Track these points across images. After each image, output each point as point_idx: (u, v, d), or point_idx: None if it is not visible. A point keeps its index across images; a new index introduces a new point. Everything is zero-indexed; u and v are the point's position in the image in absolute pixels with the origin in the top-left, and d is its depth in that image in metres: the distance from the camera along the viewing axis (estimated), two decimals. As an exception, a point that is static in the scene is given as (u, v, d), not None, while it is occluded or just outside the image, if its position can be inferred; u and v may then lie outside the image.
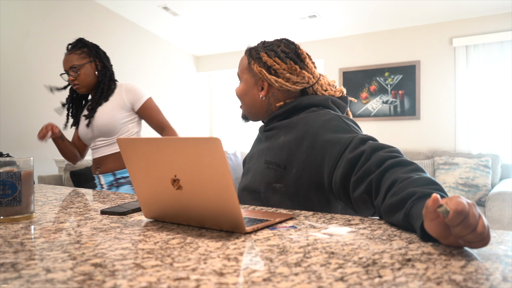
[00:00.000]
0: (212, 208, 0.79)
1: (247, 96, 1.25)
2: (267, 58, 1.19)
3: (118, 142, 0.87)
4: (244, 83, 1.25)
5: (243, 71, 1.26)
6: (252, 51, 1.24)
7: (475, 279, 0.50)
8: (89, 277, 0.53)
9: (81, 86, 2.00)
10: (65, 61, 2.00)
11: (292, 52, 1.21)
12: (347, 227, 0.82)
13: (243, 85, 1.26)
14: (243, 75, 1.26)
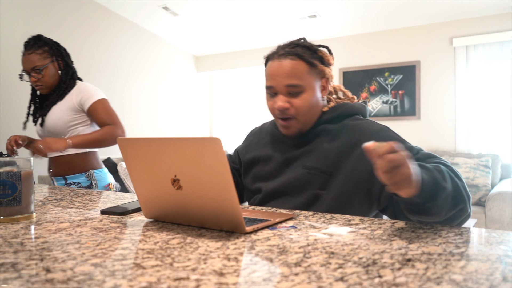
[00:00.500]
0: (212, 208, 0.79)
1: (312, 107, 1.10)
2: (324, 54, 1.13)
3: (118, 142, 0.87)
4: (309, 91, 1.08)
5: (303, 76, 1.07)
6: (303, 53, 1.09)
7: (475, 279, 0.50)
8: (89, 277, 0.53)
9: (44, 87, 1.91)
10: (25, 61, 1.86)
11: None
12: (347, 227, 0.82)
13: (308, 95, 1.08)
14: (305, 82, 1.07)
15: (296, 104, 1.07)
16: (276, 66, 1.07)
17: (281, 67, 1.06)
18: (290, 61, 1.06)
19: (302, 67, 1.07)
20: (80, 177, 1.93)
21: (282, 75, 1.06)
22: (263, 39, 5.04)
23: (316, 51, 1.10)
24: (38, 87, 1.90)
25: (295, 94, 1.07)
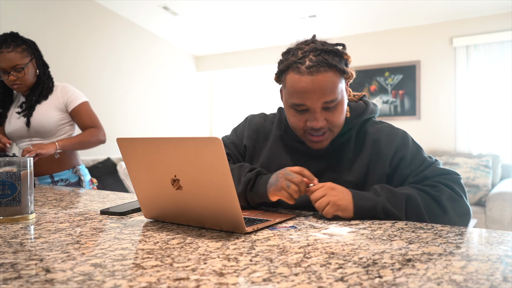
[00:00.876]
0: (212, 208, 0.78)
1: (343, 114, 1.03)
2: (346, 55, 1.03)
3: (117, 142, 0.87)
4: (342, 99, 1.00)
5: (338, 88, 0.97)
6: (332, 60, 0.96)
7: (475, 279, 0.50)
8: (89, 277, 0.53)
9: (23, 86, 1.87)
10: (4, 59, 1.79)
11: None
12: (347, 227, 0.82)
13: (343, 103, 1.01)
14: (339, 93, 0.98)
15: (332, 119, 0.98)
16: (308, 82, 0.94)
17: (315, 83, 0.93)
18: (324, 74, 0.94)
19: (336, 78, 0.96)
20: (67, 174, 1.96)
21: (318, 92, 0.94)
22: (263, 39, 5.04)
23: (342, 55, 1.00)
24: (16, 85, 1.85)
25: (330, 108, 0.97)
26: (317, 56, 0.95)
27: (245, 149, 1.19)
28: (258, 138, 1.18)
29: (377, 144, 1.05)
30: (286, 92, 1.01)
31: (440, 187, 0.96)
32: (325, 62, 0.94)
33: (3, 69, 1.81)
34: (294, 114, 1.01)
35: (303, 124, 1.00)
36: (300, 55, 0.97)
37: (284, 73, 1.00)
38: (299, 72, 0.95)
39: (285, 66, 0.99)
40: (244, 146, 1.19)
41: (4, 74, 1.83)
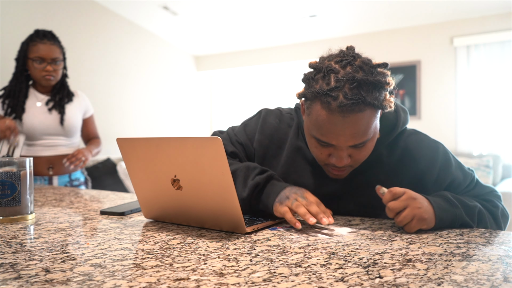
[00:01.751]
0: (212, 208, 0.78)
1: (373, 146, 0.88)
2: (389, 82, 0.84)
3: (117, 142, 0.87)
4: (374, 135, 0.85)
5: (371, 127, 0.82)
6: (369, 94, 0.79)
7: (476, 279, 0.50)
8: (89, 277, 0.53)
9: (54, 80, 1.94)
10: (47, 49, 1.89)
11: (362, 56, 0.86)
12: (347, 228, 0.82)
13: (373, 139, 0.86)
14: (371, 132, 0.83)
15: (357, 157, 0.86)
16: (338, 123, 0.79)
17: (346, 126, 0.79)
18: (358, 115, 0.78)
19: (371, 117, 0.80)
20: (78, 173, 2.09)
21: (347, 135, 0.80)
22: (263, 39, 5.04)
23: (383, 86, 0.81)
24: (49, 76, 1.91)
25: (358, 146, 0.84)
26: (354, 89, 0.77)
27: (254, 151, 1.06)
28: (270, 145, 1.03)
29: (415, 163, 0.92)
30: (310, 122, 0.84)
31: (494, 203, 0.93)
32: (362, 100, 0.77)
33: (41, 58, 1.88)
34: (316, 145, 0.87)
35: (325, 157, 0.87)
36: (333, 83, 0.78)
37: (311, 100, 0.83)
38: (329, 109, 0.78)
39: (313, 94, 0.81)
40: (254, 149, 1.06)
41: (40, 63, 1.88)
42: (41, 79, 1.91)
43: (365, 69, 0.80)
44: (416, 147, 0.94)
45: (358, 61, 0.81)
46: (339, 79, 0.78)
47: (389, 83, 0.82)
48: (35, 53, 1.88)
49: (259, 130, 1.05)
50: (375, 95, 0.79)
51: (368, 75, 0.79)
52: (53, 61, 1.90)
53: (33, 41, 1.90)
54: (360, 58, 0.83)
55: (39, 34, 1.91)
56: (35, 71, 1.90)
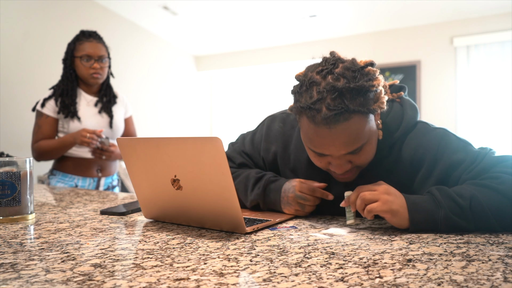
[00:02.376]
0: (212, 208, 0.78)
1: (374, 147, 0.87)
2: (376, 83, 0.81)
3: (117, 142, 0.87)
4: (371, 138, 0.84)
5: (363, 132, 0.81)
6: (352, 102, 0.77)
7: (476, 279, 0.50)
8: (89, 277, 0.53)
9: (101, 78, 1.94)
10: (94, 47, 1.91)
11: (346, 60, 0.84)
12: (347, 228, 0.82)
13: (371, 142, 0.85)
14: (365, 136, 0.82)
15: (357, 161, 0.85)
16: (326, 135, 0.79)
17: (334, 136, 0.78)
18: (345, 124, 0.77)
19: (360, 123, 0.79)
20: (115, 176, 2.12)
21: (338, 145, 0.80)
22: (263, 38, 5.04)
23: (369, 89, 0.79)
24: (96, 75, 1.91)
25: (355, 152, 0.83)
26: (336, 99, 0.76)
27: (263, 161, 1.07)
28: (277, 149, 1.04)
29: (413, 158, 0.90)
30: (303, 135, 0.85)
31: (503, 177, 0.79)
32: (345, 109, 0.76)
33: (88, 56, 1.89)
34: (313, 155, 0.87)
35: (325, 166, 0.87)
36: (315, 95, 0.77)
37: (298, 115, 0.83)
38: (315, 122, 0.78)
39: (298, 110, 0.81)
40: (262, 159, 1.07)
41: (88, 61, 1.89)
42: (88, 77, 1.91)
43: (347, 75, 0.78)
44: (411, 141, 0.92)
45: (340, 68, 0.79)
46: (320, 91, 0.77)
47: (375, 85, 0.79)
48: (82, 51, 1.89)
49: (264, 138, 1.07)
50: (360, 100, 0.77)
51: (350, 81, 0.77)
52: (100, 59, 1.91)
53: (80, 40, 1.92)
54: (342, 63, 0.80)
55: (85, 34, 1.94)
56: (82, 69, 1.90)
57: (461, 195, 0.77)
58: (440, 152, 0.88)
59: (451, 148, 0.88)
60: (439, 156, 0.88)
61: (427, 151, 0.89)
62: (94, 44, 1.92)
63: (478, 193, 0.77)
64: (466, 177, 0.85)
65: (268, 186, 0.98)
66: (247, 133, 1.15)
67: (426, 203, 0.78)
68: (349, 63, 0.80)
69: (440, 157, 0.88)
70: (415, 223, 0.76)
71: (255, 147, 1.09)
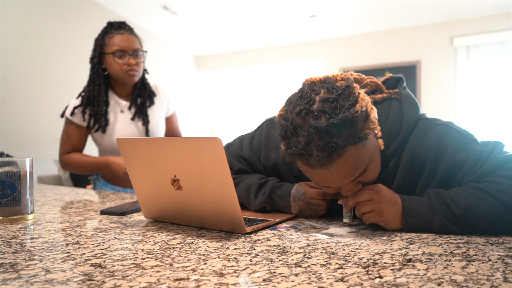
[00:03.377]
0: (212, 208, 0.78)
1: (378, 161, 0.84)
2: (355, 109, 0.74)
3: (117, 142, 0.87)
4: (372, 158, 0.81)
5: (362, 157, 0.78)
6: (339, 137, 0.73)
7: (476, 279, 0.50)
8: (89, 277, 0.53)
9: (137, 75, 1.66)
10: (126, 40, 1.62)
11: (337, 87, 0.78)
12: (347, 228, 0.82)
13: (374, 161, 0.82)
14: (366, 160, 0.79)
15: (366, 179, 0.83)
16: (325, 175, 0.77)
17: (333, 174, 0.77)
18: (338, 161, 0.75)
19: (355, 153, 0.76)
20: None
21: (339, 179, 0.78)
22: (263, 38, 5.04)
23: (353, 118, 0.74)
24: (132, 72, 1.63)
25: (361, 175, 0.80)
26: (323, 139, 0.73)
27: (264, 167, 1.05)
28: (277, 156, 1.01)
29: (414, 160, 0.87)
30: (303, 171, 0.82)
31: (504, 183, 0.77)
32: (336, 146, 0.73)
33: (121, 50, 1.62)
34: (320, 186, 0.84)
35: (336, 191, 0.86)
36: (302, 140, 0.74)
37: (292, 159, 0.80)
38: (310, 165, 0.76)
39: (290, 157, 0.79)
40: (263, 165, 1.05)
41: (121, 57, 1.62)
42: (124, 76, 1.64)
43: (327, 109, 0.73)
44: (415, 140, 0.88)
45: (317, 103, 0.74)
46: (305, 135, 0.74)
47: (358, 110, 0.75)
48: (114, 46, 1.61)
49: (263, 145, 1.04)
50: (348, 132, 0.74)
51: (332, 116, 0.73)
52: (135, 53, 1.63)
53: (109, 34, 1.64)
54: (317, 95, 0.76)
55: (114, 25, 1.66)
56: (116, 67, 1.63)
57: (457, 201, 0.76)
58: (442, 152, 0.85)
59: (452, 147, 0.85)
60: (440, 157, 0.85)
61: (428, 152, 0.86)
62: (126, 36, 1.63)
63: (475, 200, 0.76)
64: (468, 179, 0.83)
65: (273, 192, 0.97)
66: (245, 136, 1.12)
67: (422, 208, 0.78)
68: (325, 92, 0.76)
69: (442, 158, 0.85)
70: (410, 228, 0.78)
71: (254, 153, 1.06)
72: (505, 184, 0.76)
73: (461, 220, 0.75)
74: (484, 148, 0.83)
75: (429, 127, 0.88)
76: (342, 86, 0.77)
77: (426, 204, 0.78)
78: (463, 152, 0.84)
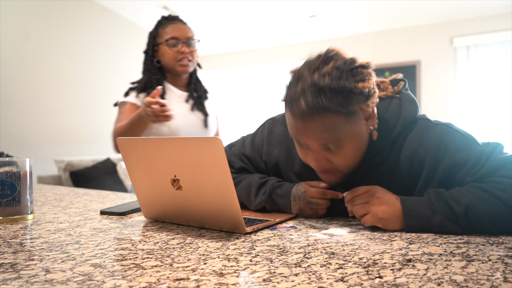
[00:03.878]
0: (212, 208, 0.78)
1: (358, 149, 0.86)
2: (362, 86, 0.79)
3: (117, 142, 0.87)
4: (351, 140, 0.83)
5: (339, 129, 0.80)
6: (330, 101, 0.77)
7: (476, 279, 0.50)
8: (89, 277, 0.53)
9: (191, 65, 1.66)
10: (180, 29, 1.64)
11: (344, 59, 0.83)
12: (347, 228, 0.82)
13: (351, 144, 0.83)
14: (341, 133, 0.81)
15: (336, 161, 0.84)
16: (300, 127, 0.82)
17: (308, 129, 0.81)
18: (318, 119, 0.78)
19: (336, 123, 0.79)
20: None
21: (311, 136, 0.81)
22: (263, 39, 5.04)
23: (351, 91, 0.78)
24: (184, 62, 1.63)
25: (332, 149, 0.83)
26: (316, 96, 0.77)
27: (265, 164, 1.06)
28: (280, 153, 1.03)
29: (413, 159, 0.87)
30: (287, 123, 0.88)
31: (505, 183, 0.76)
32: (320, 106, 0.77)
33: (175, 38, 1.63)
34: (297, 145, 0.89)
35: (304, 158, 0.88)
36: (299, 90, 0.80)
37: (284, 106, 0.86)
38: (293, 113, 0.81)
39: (284, 101, 0.85)
40: (264, 162, 1.06)
41: (174, 45, 1.63)
42: (175, 65, 1.63)
43: (334, 74, 0.78)
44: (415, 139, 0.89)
45: (330, 66, 0.79)
46: (303, 88, 0.79)
47: (360, 87, 0.78)
48: (168, 34, 1.63)
49: (266, 142, 1.06)
50: (338, 100, 0.77)
51: (335, 80, 0.77)
52: (188, 41, 1.63)
53: (163, 25, 1.67)
54: (335, 61, 0.80)
55: (167, 17, 1.70)
56: (169, 55, 1.62)
57: (458, 201, 0.76)
58: (442, 152, 0.85)
59: (452, 147, 0.85)
60: (440, 156, 0.85)
61: (427, 151, 0.86)
62: (179, 25, 1.65)
63: (476, 200, 0.75)
64: (469, 180, 0.82)
65: (274, 192, 0.97)
66: (247, 136, 1.13)
67: (422, 208, 0.78)
68: (342, 62, 0.80)
69: (442, 158, 0.85)
70: (410, 228, 0.77)
71: (256, 150, 1.07)
72: (507, 184, 0.76)
73: (462, 219, 0.75)
74: (485, 148, 0.83)
75: (429, 126, 0.89)
76: (359, 65, 0.81)
77: (426, 204, 0.78)
78: (464, 152, 0.84)
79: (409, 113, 0.90)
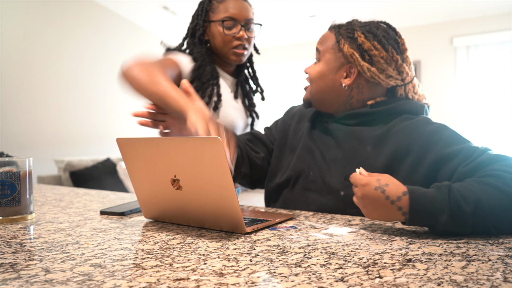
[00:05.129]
0: (212, 208, 0.78)
1: (323, 80, 1.01)
2: (364, 39, 0.97)
3: (117, 142, 0.87)
4: (324, 64, 1.02)
5: (327, 49, 1.01)
6: (343, 28, 1.00)
7: (476, 279, 0.50)
8: (89, 277, 0.53)
9: (246, 55, 1.36)
10: (240, 7, 1.31)
11: (392, 39, 1.01)
12: (347, 228, 0.82)
13: (322, 66, 1.02)
14: (325, 54, 1.01)
15: (310, 73, 1.05)
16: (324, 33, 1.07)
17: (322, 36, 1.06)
18: (327, 31, 1.05)
19: (330, 39, 1.01)
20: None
21: (320, 41, 1.05)
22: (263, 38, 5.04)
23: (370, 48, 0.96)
24: (240, 51, 1.33)
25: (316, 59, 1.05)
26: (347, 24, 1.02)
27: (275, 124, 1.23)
28: (291, 122, 1.18)
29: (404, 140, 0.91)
30: None
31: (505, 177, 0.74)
32: (334, 25, 1.04)
33: (232, 19, 1.30)
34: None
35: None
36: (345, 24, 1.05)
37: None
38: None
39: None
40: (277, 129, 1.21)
41: (230, 28, 1.30)
42: (228, 52, 1.32)
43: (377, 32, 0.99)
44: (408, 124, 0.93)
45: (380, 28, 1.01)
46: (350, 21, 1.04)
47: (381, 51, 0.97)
48: (224, 12, 1.29)
49: (285, 114, 1.24)
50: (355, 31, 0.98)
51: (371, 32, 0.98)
52: (247, 25, 1.32)
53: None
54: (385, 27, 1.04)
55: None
56: (223, 39, 1.30)
57: (467, 198, 0.70)
58: (432, 142, 0.87)
59: (445, 140, 0.86)
60: (430, 145, 0.87)
61: (417, 139, 0.90)
62: (240, 2, 1.31)
63: (483, 195, 0.71)
64: (463, 170, 0.81)
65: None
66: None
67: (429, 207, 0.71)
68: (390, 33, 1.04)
69: (431, 147, 0.86)
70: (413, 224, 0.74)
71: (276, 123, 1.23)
72: (507, 178, 0.73)
73: (469, 218, 0.70)
74: (478, 147, 0.86)
75: (428, 121, 0.94)
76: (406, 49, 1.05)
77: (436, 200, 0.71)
78: (456, 146, 0.86)
79: (412, 105, 1.00)
